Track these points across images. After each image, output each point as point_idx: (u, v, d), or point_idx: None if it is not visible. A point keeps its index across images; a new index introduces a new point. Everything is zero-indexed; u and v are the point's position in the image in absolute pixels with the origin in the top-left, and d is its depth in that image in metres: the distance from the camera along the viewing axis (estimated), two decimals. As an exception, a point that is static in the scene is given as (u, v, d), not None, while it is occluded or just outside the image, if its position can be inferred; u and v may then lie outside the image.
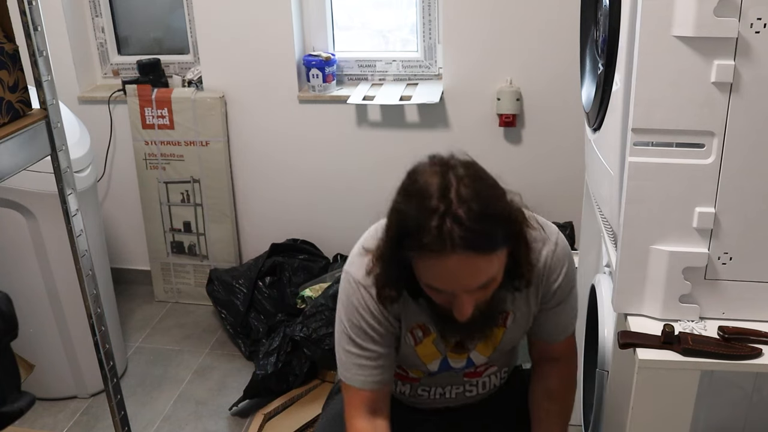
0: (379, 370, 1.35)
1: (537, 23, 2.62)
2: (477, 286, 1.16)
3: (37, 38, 1.41)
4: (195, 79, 2.98)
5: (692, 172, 1.19)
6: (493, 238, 1.12)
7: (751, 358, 1.20)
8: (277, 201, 3.10)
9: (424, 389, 1.49)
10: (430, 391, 1.49)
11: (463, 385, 1.49)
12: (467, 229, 1.08)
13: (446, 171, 1.13)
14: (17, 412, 1.51)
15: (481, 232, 1.09)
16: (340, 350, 1.36)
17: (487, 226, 1.10)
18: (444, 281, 1.16)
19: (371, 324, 1.31)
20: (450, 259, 1.10)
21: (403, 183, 1.18)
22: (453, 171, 1.13)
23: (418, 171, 1.17)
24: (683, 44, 1.11)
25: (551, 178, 2.80)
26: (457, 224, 1.08)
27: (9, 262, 2.40)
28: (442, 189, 1.10)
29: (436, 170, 1.14)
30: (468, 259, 1.10)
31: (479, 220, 1.09)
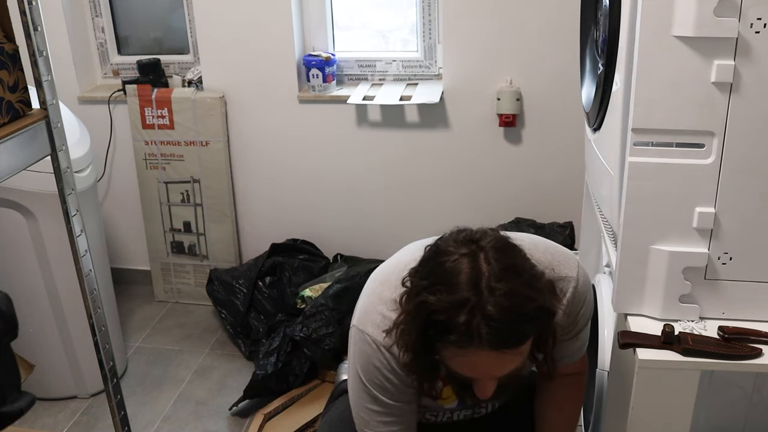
0: (405, 425, 1.32)
1: (537, 23, 2.62)
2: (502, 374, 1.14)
3: (37, 38, 1.41)
4: (195, 79, 2.98)
5: (692, 172, 1.19)
6: (523, 334, 1.08)
7: (751, 358, 1.20)
8: (277, 201, 3.10)
9: (431, 414, 1.48)
10: (438, 415, 1.49)
11: (472, 408, 1.48)
12: (497, 328, 1.03)
13: (476, 254, 1.08)
14: (17, 412, 1.51)
15: (511, 332, 1.05)
16: (361, 409, 1.32)
17: (517, 324, 1.05)
18: (469, 371, 1.13)
19: (396, 384, 1.27)
20: (476, 355, 1.06)
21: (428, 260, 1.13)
22: (484, 254, 1.08)
23: (445, 250, 1.11)
24: (683, 44, 1.11)
25: (551, 178, 2.80)
26: (485, 322, 1.03)
27: (9, 262, 2.40)
28: (472, 279, 1.05)
29: (465, 253, 1.08)
30: (493, 356, 1.07)
31: (510, 318, 1.04)
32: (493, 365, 1.10)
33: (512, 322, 1.05)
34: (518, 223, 2.75)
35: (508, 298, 1.04)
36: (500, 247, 1.10)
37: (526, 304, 1.06)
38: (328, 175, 2.99)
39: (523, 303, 1.06)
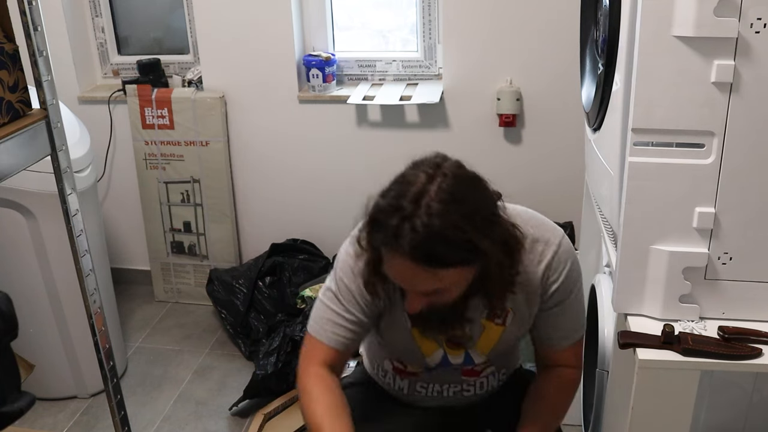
0: (352, 335, 1.37)
1: (537, 23, 2.62)
2: (420, 291, 1.20)
3: (37, 38, 1.41)
4: (195, 79, 2.98)
5: (692, 172, 1.19)
6: (440, 258, 1.14)
7: (751, 358, 1.20)
8: (277, 201, 3.10)
9: (422, 386, 1.50)
10: (427, 388, 1.50)
11: (460, 383, 1.49)
12: (417, 241, 1.11)
13: (434, 177, 1.15)
14: (17, 412, 1.51)
15: (429, 250, 1.12)
16: (320, 304, 1.39)
17: (438, 246, 1.12)
18: (394, 276, 1.21)
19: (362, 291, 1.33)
20: (397, 259, 1.15)
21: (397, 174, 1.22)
22: (440, 179, 1.14)
23: (414, 163, 1.20)
24: (683, 44, 1.11)
25: (551, 178, 2.80)
26: (411, 232, 1.11)
27: (9, 262, 2.40)
28: (417, 193, 1.13)
29: (427, 173, 1.16)
30: (412, 266, 1.14)
31: (432, 237, 1.11)
32: (413, 277, 1.17)
33: (434, 242, 1.11)
34: (518, 223, 2.74)
35: (439, 219, 1.11)
36: (459, 175, 1.17)
37: (454, 232, 1.12)
38: (328, 175, 2.99)
39: (452, 230, 1.12)
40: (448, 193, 1.13)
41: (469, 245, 1.14)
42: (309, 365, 1.38)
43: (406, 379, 1.50)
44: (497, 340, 1.40)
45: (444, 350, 1.42)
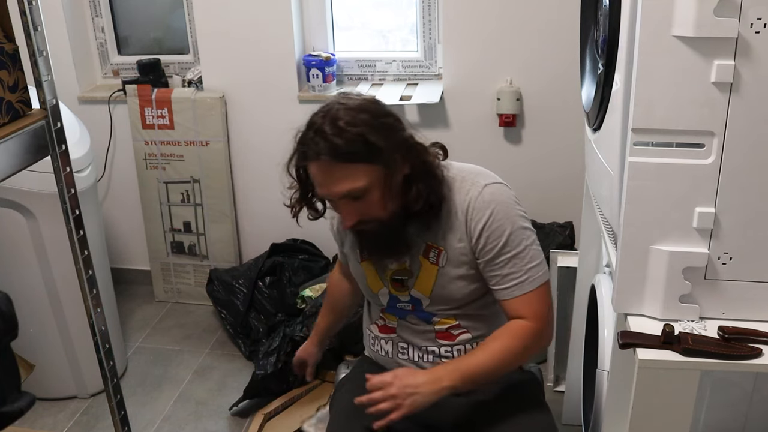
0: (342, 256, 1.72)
1: (537, 23, 2.62)
2: (341, 192, 1.36)
3: (37, 38, 1.41)
4: (195, 79, 2.98)
5: (692, 172, 1.19)
6: (346, 149, 1.31)
7: (751, 358, 1.20)
8: (277, 201, 3.06)
9: (402, 347, 1.58)
10: (408, 349, 1.57)
11: (438, 347, 1.54)
12: (325, 139, 1.31)
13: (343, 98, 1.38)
14: (17, 412, 1.51)
15: (335, 143, 1.31)
16: None
17: (341, 139, 1.31)
18: (318, 186, 1.40)
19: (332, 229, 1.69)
20: (313, 165, 1.36)
21: None
22: (348, 100, 1.37)
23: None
24: (683, 44, 1.11)
25: (551, 178, 2.80)
26: (320, 135, 1.32)
27: (9, 262, 2.40)
28: (325, 110, 1.36)
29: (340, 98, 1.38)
30: (326, 164, 1.34)
31: (338, 133, 1.31)
32: (328, 177, 1.36)
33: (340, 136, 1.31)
34: (518, 223, 2.75)
35: (343, 120, 1.32)
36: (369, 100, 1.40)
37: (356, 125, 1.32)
38: (328, 175, 2.99)
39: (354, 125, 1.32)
40: (355, 106, 1.35)
41: (371, 139, 1.32)
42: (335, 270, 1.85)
43: (389, 339, 1.59)
44: (434, 280, 1.48)
45: (389, 289, 1.55)
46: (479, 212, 1.43)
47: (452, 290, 1.50)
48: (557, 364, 2.47)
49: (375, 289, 1.58)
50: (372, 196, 1.37)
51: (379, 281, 1.57)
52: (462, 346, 1.54)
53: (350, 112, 1.33)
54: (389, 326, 1.61)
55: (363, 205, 1.38)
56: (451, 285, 1.49)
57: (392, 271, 1.54)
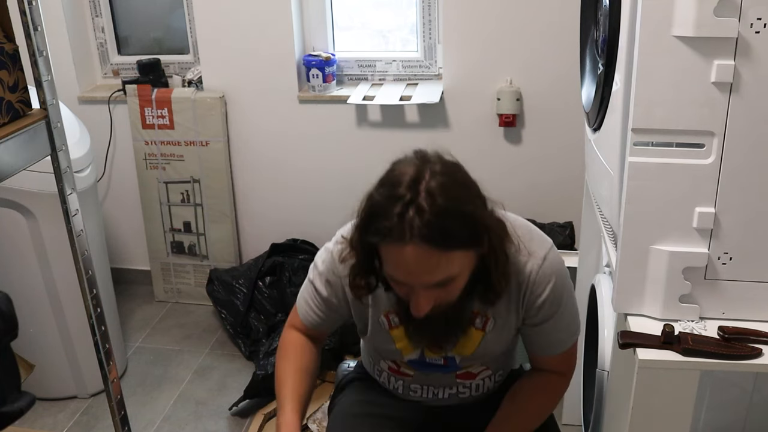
0: (318, 320, 1.44)
1: (537, 23, 2.62)
2: (433, 282, 1.16)
3: (37, 38, 1.41)
4: (195, 79, 2.98)
5: (692, 172, 1.19)
6: (453, 236, 1.12)
7: (751, 358, 1.20)
8: (277, 201, 3.10)
9: (416, 387, 1.50)
10: (422, 389, 1.50)
11: (455, 386, 1.48)
12: (427, 221, 1.09)
13: (424, 165, 1.15)
14: (17, 412, 1.51)
15: (441, 227, 1.10)
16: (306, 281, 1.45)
17: (448, 222, 1.11)
18: (401, 272, 1.17)
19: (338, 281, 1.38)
20: (407, 249, 1.11)
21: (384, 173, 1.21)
22: (430, 166, 1.15)
23: (398, 162, 1.19)
24: (683, 44, 1.11)
25: (551, 178, 2.80)
26: (418, 214, 1.09)
27: (9, 262, 2.40)
28: (413, 180, 1.12)
29: (415, 163, 1.16)
30: (424, 251, 1.11)
31: (442, 214, 1.10)
32: (423, 267, 1.13)
33: (444, 218, 1.10)
34: (518, 223, 2.74)
35: (442, 197, 1.11)
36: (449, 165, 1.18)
37: (460, 209, 1.13)
38: (328, 175, 2.99)
39: (458, 207, 1.12)
40: (442, 174, 1.14)
41: (474, 222, 1.15)
42: (291, 327, 1.50)
43: (400, 379, 1.50)
44: (477, 345, 1.39)
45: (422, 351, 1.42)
46: (539, 287, 1.31)
47: (494, 351, 1.42)
48: (557, 364, 2.46)
49: (405, 353, 1.43)
50: (457, 283, 1.20)
51: (410, 347, 1.41)
52: (481, 381, 1.49)
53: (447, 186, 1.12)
54: (405, 372, 1.49)
55: (443, 292, 1.20)
56: (494, 347, 1.41)
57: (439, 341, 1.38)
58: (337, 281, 1.38)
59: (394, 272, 1.18)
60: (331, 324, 1.47)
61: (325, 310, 1.42)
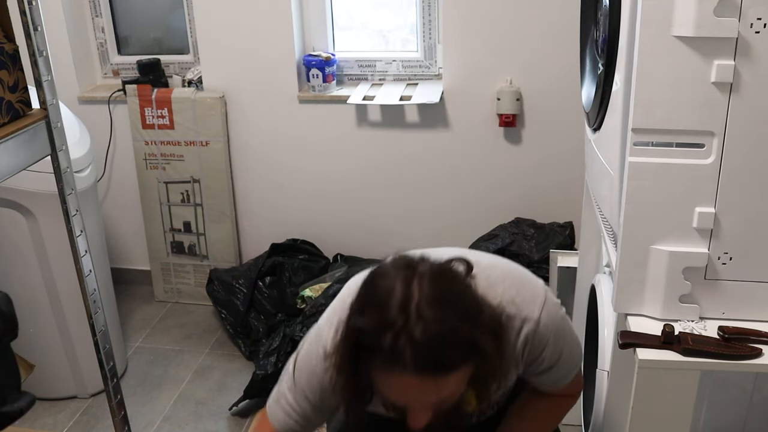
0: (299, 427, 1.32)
1: (537, 23, 2.62)
2: (430, 403, 1.10)
3: (37, 38, 1.41)
4: (195, 79, 2.98)
5: (692, 172, 1.19)
6: (449, 362, 1.04)
7: (751, 358, 1.20)
8: (277, 201, 3.10)
9: None
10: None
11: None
12: (421, 351, 1.00)
13: (411, 278, 1.05)
14: (17, 412, 1.51)
15: (435, 358, 1.02)
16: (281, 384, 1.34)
17: (442, 352, 1.02)
18: (396, 398, 1.10)
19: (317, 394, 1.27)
20: (402, 380, 1.04)
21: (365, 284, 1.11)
22: (418, 279, 1.04)
23: (381, 273, 1.09)
24: (683, 44, 1.11)
25: (551, 178, 2.80)
26: (410, 345, 1.00)
27: (9, 262, 2.40)
28: (402, 302, 1.02)
29: (401, 276, 1.05)
30: (420, 380, 1.04)
31: (435, 344, 1.01)
32: (419, 391, 1.06)
33: (438, 349, 1.02)
34: (518, 223, 2.75)
35: (436, 324, 1.01)
36: (437, 273, 1.07)
37: (454, 333, 1.03)
38: (328, 175, 2.99)
39: (452, 332, 1.03)
40: (433, 293, 1.03)
41: (470, 343, 1.05)
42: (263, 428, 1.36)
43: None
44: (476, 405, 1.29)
45: None
46: (537, 349, 1.25)
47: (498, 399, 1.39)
48: (557, 364, 2.46)
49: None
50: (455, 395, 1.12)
51: None
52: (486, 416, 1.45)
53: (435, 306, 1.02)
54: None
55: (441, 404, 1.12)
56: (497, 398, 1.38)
57: None
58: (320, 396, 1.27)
59: (389, 396, 1.10)
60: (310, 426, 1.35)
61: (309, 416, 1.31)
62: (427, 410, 1.12)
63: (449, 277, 1.09)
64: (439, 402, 1.10)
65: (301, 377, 1.29)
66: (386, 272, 1.08)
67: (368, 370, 1.07)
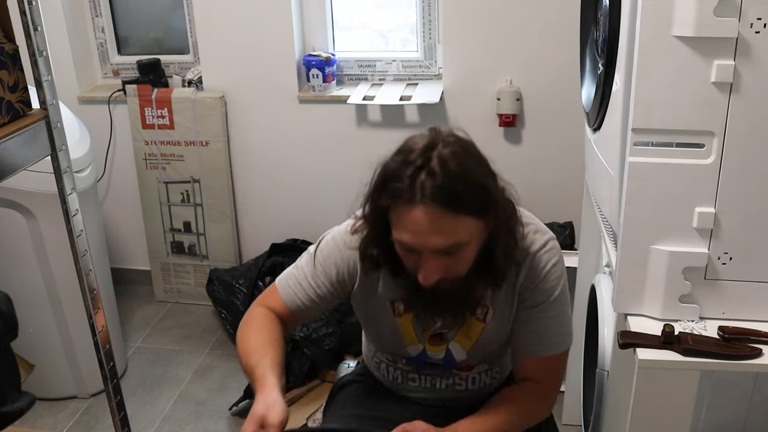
0: (310, 303, 1.40)
1: (537, 23, 2.62)
2: (441, 246, 1.17)
3: (37, 38, 1.41)
4: (195, 79, 2.98)
5: (692, 172, 1.19)
6: (463, 200, 1.15)
7: (751, 358, 1.20)
8: (277, 201, 3.10)
9: (414, 376, 1.50)
10: (419, 379, 1.50)
11: (452, 377, 1.48)
12: (438, 183, 1.12)
13: (437, 136, 1.19)
14: (17, 412, 1.51)
15: (452, 190, 1.13)
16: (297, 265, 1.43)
17: (459, 186, 1.14)
18: (411, 234, 1.17)
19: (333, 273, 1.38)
20: (417, 209, 1.14)
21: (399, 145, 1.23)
22: (443, 138, 1.18)
23: (412, 135, 1.23)
24: (683, 44, 1.11)
25: (551, 178, 2.80)
26: (430, 176, 1.13)
27: (9, 262, 2.40)
28: (426, 147, 1.16)
29: (429, 135, 1.19)
30: (434, 212, 1.13)
31: (453, 178, 1.13)
32: (432, 228, 1.15)
33: (455, 181, 1.14)
34: (518, 223, 2.74)
35: (454, 163, 1.14)
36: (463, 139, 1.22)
37: (470, 174, 1.16)
38: (328, 175, 2.99)
39: (468, 172, 1.16)
40: (455, 144, 1.17)
41: (484, 190, 1.18)
42: (260, 305, 1.44)
43: (399, 369, 1.51)
44: (477, 337, 1.39)
45: (424, 346, 1.42)
46: (537, 268, 1.32)
47: (492, 344, 1.42)
48: (557, 364, 2.46)
49: (407, 343, 1.43)
50: (466, 253, 1.21)
51: (415, 337, 1.42)
52: (478, 375, 1.48)
53: (459, 155, 1.16)
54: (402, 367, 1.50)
55: (452, 261, 1.21)
56: (492, 339, 1.41)
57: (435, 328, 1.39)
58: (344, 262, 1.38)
59: (404, 235, 1.18)
60: (315, 311, 1.44)
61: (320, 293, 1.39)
62: (438, 263, 1.19)
63: (472, 146, 1.23)
64: (449, 250, 1.18)
65: (321, 255, 1.39)
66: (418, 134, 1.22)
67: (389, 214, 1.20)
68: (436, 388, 1.50)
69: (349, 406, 1.54)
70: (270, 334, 1.36)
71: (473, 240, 1.20)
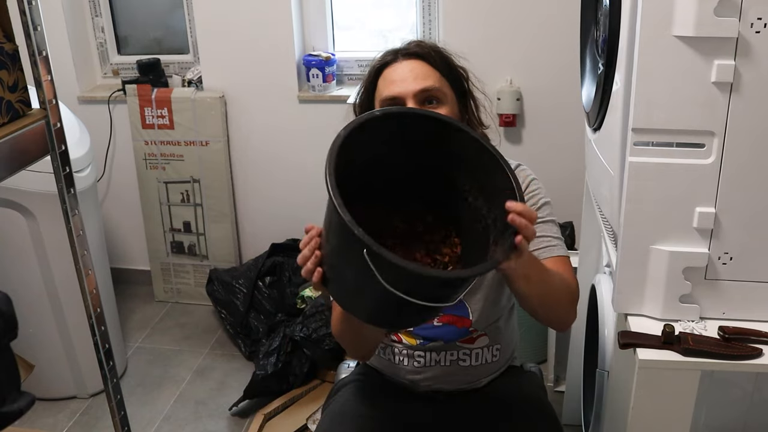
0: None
1: (537, 23, 2.62)
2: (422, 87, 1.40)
3: (37, 38, 1.41)
4: (195, 79, 2.98)
5: (692, 172, 1.19)
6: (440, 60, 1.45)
7: (751, 358, 1.20)
8: (277, 201, 3.10)
9: (419, 354, 1.52)
10: (425, 357, 1.52)
11: (456, 351, 1.51)
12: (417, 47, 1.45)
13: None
14: (17, 412, 1.51)
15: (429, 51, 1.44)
16: None
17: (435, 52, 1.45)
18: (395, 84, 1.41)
19: None
20: (400, 64, 1.43)
21: None
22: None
23: None
24: (683, 44, 1.11)
25: (551, 178, 2.78)
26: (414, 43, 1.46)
27: (9, 262, 2.40)
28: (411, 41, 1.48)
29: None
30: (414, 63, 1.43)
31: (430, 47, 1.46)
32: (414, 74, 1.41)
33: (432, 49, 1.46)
34: (518, 223, 2.75)
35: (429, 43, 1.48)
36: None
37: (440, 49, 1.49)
38: (328, 175, 2.98)
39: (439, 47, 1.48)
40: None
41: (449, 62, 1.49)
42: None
43: (404, 348, 1.53)
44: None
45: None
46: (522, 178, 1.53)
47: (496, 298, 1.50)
48: (557, 364, 2.46)
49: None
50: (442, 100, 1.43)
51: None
52: (480, 350, 1.52)
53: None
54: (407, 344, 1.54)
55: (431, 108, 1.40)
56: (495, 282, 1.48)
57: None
58: None
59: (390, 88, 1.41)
60: None
61: None
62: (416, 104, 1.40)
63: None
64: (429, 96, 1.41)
65: None
66: None
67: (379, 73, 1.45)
68: (441, 365, 1.52)
69: (349, 406, 1.54)
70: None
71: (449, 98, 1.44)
